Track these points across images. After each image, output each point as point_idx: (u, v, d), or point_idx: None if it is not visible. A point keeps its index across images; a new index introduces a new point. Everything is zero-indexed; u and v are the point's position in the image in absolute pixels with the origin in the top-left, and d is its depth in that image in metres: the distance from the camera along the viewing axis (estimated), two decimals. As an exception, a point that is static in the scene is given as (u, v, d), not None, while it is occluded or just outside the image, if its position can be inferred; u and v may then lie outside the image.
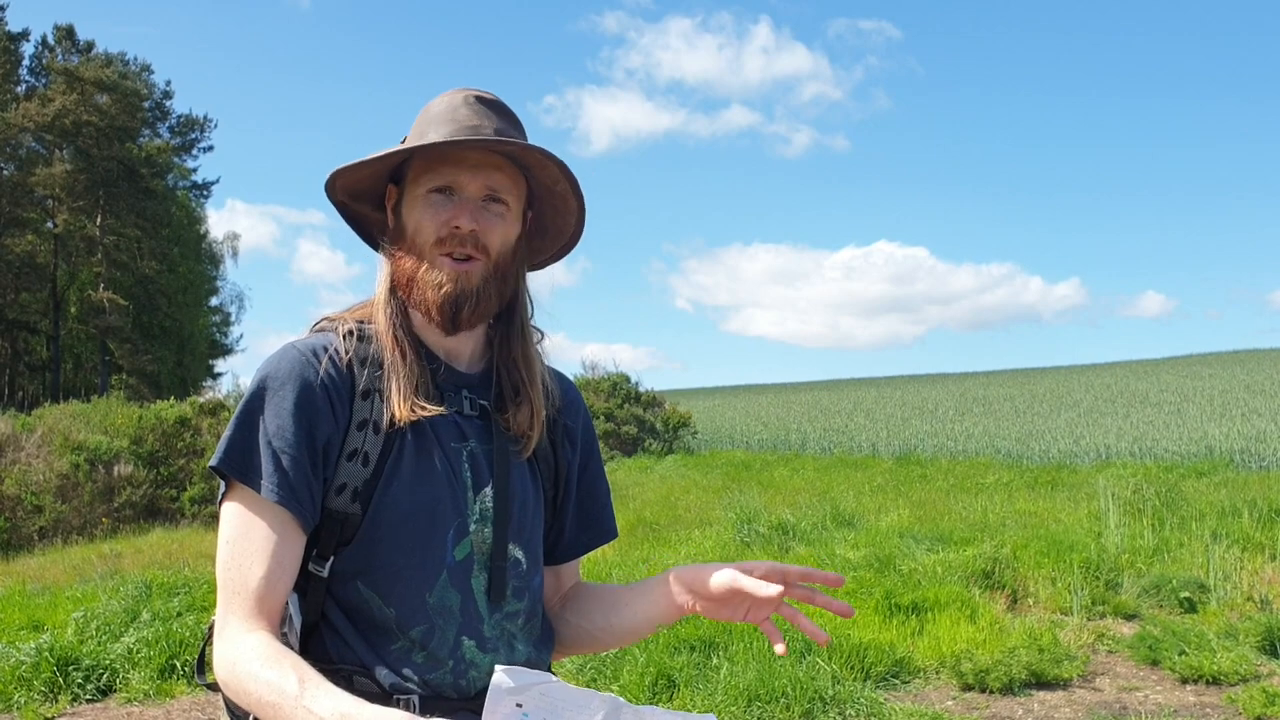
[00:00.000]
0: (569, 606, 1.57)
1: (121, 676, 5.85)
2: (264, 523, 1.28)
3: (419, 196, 1.38)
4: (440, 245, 1.37)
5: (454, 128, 1.37)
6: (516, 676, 1.14)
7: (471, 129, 1.37)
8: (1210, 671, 5.32)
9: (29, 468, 17.31)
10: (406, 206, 1.40)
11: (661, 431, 25.01)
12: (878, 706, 4.90)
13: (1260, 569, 7.29)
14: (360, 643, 1.32)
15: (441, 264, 1.37)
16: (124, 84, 43.64)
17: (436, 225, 1.36)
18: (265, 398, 1.31)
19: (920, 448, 21.20)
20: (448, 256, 1.37)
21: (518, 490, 1.43)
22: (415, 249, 1.38)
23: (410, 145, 1.36)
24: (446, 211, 1.37)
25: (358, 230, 1.52)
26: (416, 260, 1.38)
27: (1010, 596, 6.90)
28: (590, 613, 1.54)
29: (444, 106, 1.41)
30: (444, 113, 1.40)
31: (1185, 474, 13.72)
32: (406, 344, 1.38)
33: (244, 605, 1.26)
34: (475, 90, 1.43)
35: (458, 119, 1.38)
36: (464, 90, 1.43)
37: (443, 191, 1.37)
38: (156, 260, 44.19)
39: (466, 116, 1.39)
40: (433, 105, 1.43)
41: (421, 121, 1.42)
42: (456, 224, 1.36)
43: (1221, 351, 69.79)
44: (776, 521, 9.62)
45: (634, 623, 1.49)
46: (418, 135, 1.41)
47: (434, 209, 1.37)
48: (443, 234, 1.36)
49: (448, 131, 1.37)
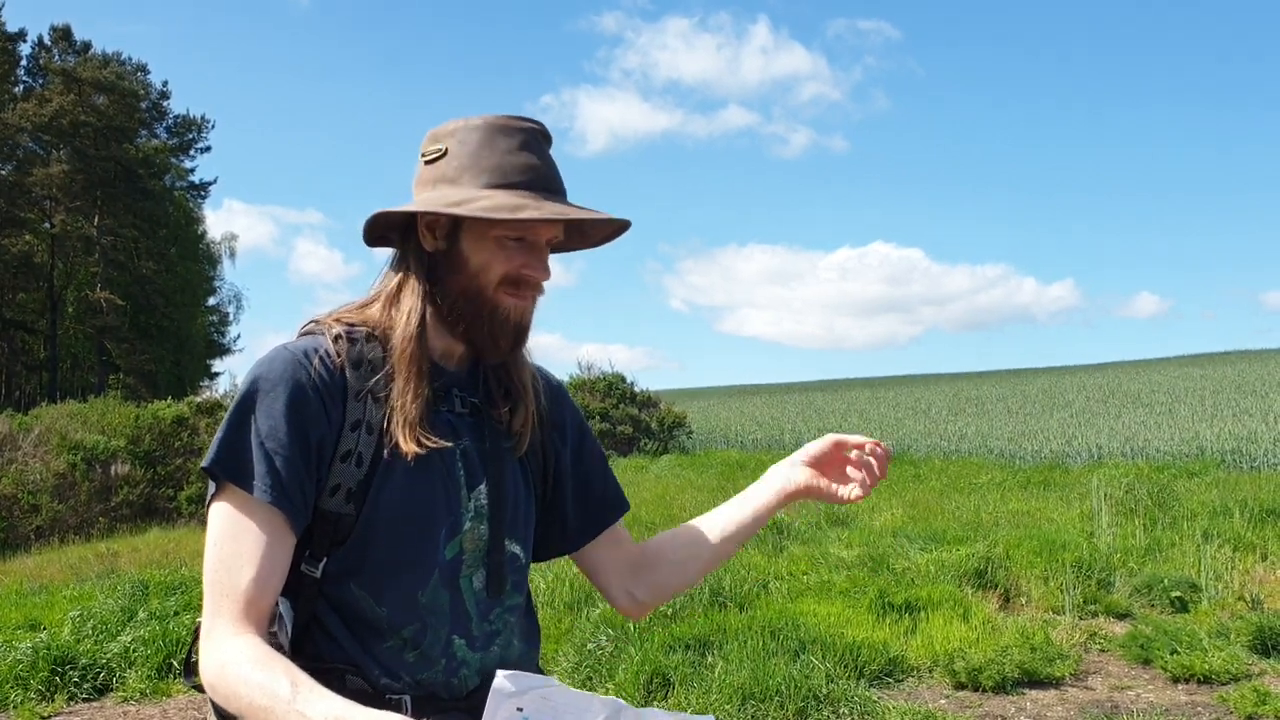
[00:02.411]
0: (666, 555, 1.63)
1: (118, 675, 5.87)
2: (255, 524, 1.28)
3: (491, 238, 1.38)
4: (508, 284, 1.39)
5: (530, 175, 1.37)
6: (517, 680, 1.14)
7: (546, 176, 1.38)
8: (1202, 671, 5.35)
9: (26, 467, 17.29)
10: (471, 241, 1.38)
11: (657, 431, 25.01)
12: (871, 705, 4.93)
13: (1251, 568, 7.33)
14: (352, 642, 1.33)
15: (506, 302, 1.40)
16: (121, 84, 43.57)
17: (511, 268, 1.39)
18: (257, 399, 1.32)
19: (914, 448, 21.24)
20: (510, 294, 1.40)
21: (510, 486, 1.45)
22: (477, 285, 1.39)
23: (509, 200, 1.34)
24: (520, 258, 1.39)
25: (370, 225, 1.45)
26: (477, 295, 1.39)
27: (1003, 596, 6.93)
28: (692, 546, 1.62)
29: (506, 142, 1.39)
30: (509, 150, 1.38)
31: (1177, 474, 13.75)
32: (425, 371, 1.38)
33: (233, 607, 1.25)
34: (522, 119, 1.42)
35: (532, 167, 1.38)
36: (516, 121, 1.41)
37: (518, 240, 1.39)
38: (154, 260, 44.14)
39: (537, 160, 1.39)
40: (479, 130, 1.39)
41: (470, 144, 1.39)
42: (530, 273, 1.40)
43: (1214, 352, 69.94)
44: (771, 521, 9.63)
45: (745, 529, 1.61)
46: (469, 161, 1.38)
47: (508, 253, 1.38)
48: (514, 275, 1.39)
49: (527, 182, 1.36)
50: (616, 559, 1.63)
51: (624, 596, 1.62)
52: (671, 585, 1.63)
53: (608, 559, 1.62)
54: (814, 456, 1.58)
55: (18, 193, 41.80)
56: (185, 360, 46.44)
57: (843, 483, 1.56)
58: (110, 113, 42.68)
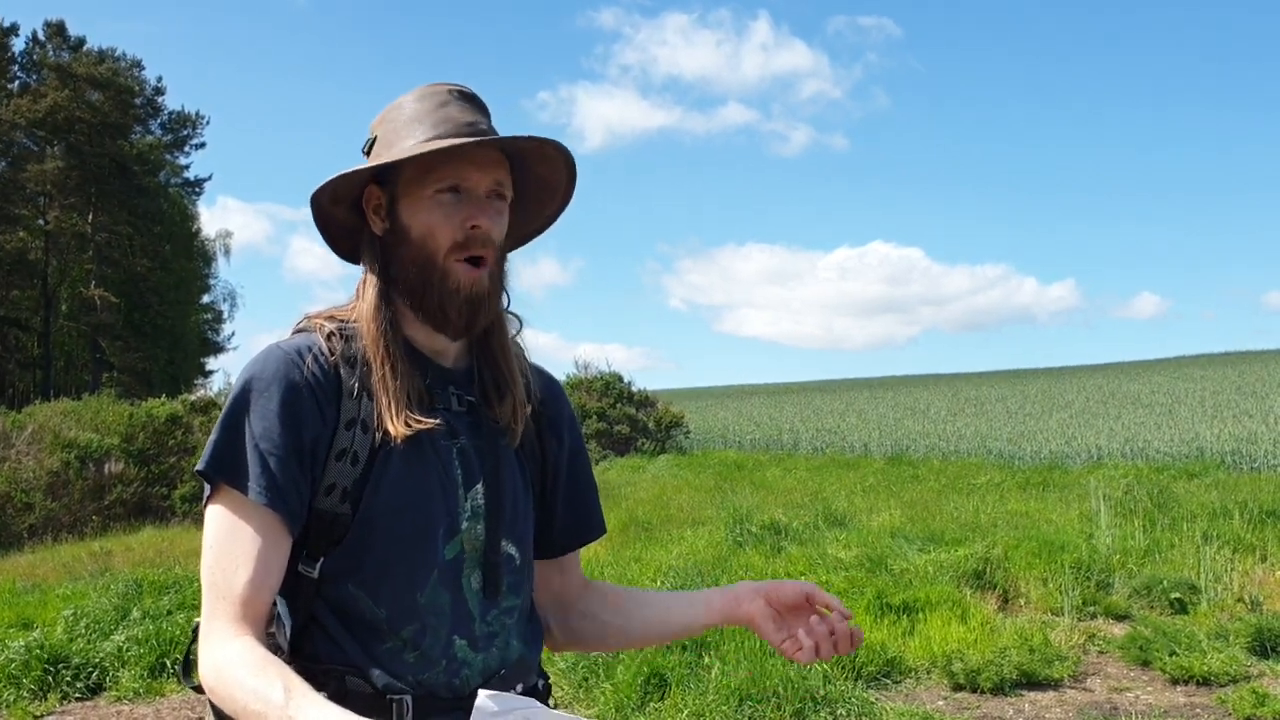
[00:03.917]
0: (598, 603, 1.57)
1: (111, 675, 5.84)
2: (250, 525, 1.27)
3: (425, 198, 1.34)
4: (457, 249, 1.34)
5: (451, 126, 1.35)
6: (500, 701, 1.14)
7: (469, 126, 1.35)
8: (1200, 672, 5.34)
9: (19, 465, 17.25)
10: (408, 209, 1.35)
11: (654, 431, 25.00)
12: (869, 706, 4.90)
13: (1251, 570, 7.32)
14: (351, 643, 1.31)
15: (457, 270, 1.35)
16: (116, 80, 43.48)
17: (453, 227, 1.33)
18: (251, 400, 1.30)
19: (912, 448, 21.24)
20: (463, 262, 1.35)
21: (509, 486, 1.43)
22: (426, 253, 1.35)
23: (420, 146, 1.32)
24: (460, 211, 1.34)
25: (326, 235, 1.45)
26: (427, 264, 1.35)
27: (1001, 597, 6.92)
28: (628, 610, 1.55)
29: (427, 104, 1.38)
30: (430, 110, 1.37)
31: (1176, 475, 13.76)
32: (400, 354, 1.36)
33: (229, 609, 1.24)
34: (450, 84, 1.41)
35: (451, 117, 1.36)
36: (437, 86, 1.40)
37: (453, 191, 1.34)
38: (148, 257, 44.03)
39: (460, 114, 1.37)
40: (405, 103, 1.39)
41: (397, 120, 1.38)
42: (475, 224, 1.34)
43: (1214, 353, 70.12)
44: (768, 521, 9.62)
45: (679, 622, 1.52)
46: (393, 134, 1.37)
47: (446, 210, 1.34)
48: (460, 237, 1.34)
49: (448, 130, 1.34)
50: (554, 585, 1.57)
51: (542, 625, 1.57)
52: (589, 641, 1.58)
53: (544, 582, 1.56)
54: (779, 598, 1.45)
55: (12, 189, 41.73)
56: (180, 358, 46.35)
57: (798, 632, 1.42)
58: (105, 109, 42.58)
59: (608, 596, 1.58)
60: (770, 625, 1.44)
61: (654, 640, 1.57)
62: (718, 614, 1.49)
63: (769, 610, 1.45)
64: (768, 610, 1.45)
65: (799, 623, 1.43)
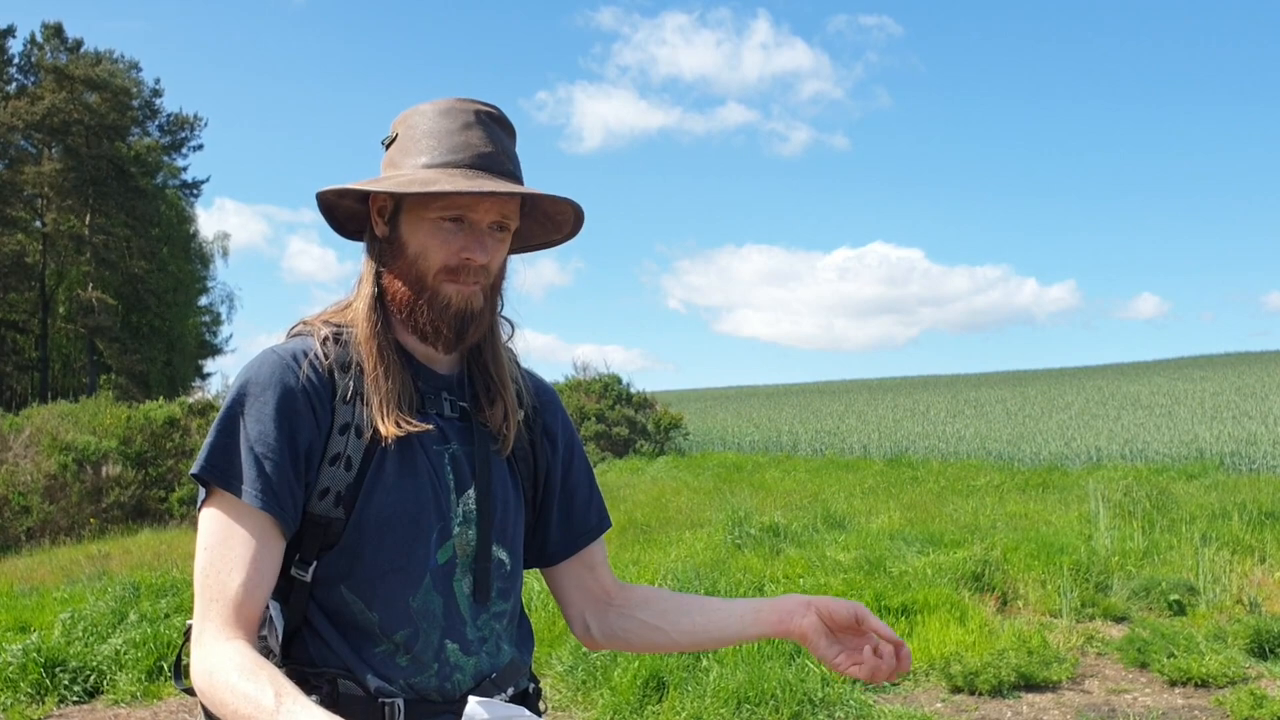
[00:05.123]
0: (638, 604, 1.56)
1: (109, 678, 5.83)
2: (244, 529, 1.27)
3: (427, 220, 1.35)
4: (448, 272, 1.35)
5: (467, 155, 1.35)
6: (490, 709, 1.16)
7: (484, 157, 1.35)
8: (1199, 674, 5.33)
9: (16, 468, 17.23)
10: (409, 224, 1.36)
11: (653, 433, 24.99)
12: (867, 709, 4.90)
13: (1249, 572, 7.32)
14: (344, 646, 1.32)
15: (445, 289, 1.36)
16: (113, 82, 43.45)
17: (447, 254, 1.35)
18: (246, 403, 1.31)
19: (911, 450, 21.23)
20: (452, 282, 1.36)
21: (499, 491, 1.43)
22: (416, 271, 1.36)
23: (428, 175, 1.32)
24: (458, 241, 1.35)
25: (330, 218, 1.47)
26: (417, 282, 1.36)
27: (1000, 599, 6.91)
28: (672, 616, 1.53)
29: (449, 123, 1.37)
30: (450, 131, 1.36)
31: (1175, 476, 13.76)
32: (392, 356, 1.37)
33: (222, 612, 1.25)
34: (480, 104, 1.40)
35: (470, 144, 1.35)
36: (465, 102, 1.39)
37: (456, 220, 1.35)
38: (146, 259, 43.99)
39: (480, 141, 1.36)
40: (428, 112, 1.39)
41: (416, 129, 1.38)
42: (469, 256, 1.35)
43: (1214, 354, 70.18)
44: (768, 523, 9.61)
45: (727, 632, 1.50)
46: (409, 143, 1.37)
47: (445, 236, 1.35)
48: (453, 263, 1.35)
49: (462, 159, 1.34)
50: (585, 583, 1.58)
51: (581, 624, 1.58)
52: (632, 641, 1.57)
53: (576, 581, 1.57)
54: (832, 615, 1.43)
55: (9, 191, 41.70)
56: (177, 360, 46.29)
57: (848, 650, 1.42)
58: (102, 110, 42.54)
59: (650, 599, 1.57)
60: (823, 641, 1.42)
61: (698, 647, 1.57)
62: (768, 626, 1.47)
63: (822, 626, 1.43)
64: (821, 626, 1.43)
65: (847, 642, 1.42)
